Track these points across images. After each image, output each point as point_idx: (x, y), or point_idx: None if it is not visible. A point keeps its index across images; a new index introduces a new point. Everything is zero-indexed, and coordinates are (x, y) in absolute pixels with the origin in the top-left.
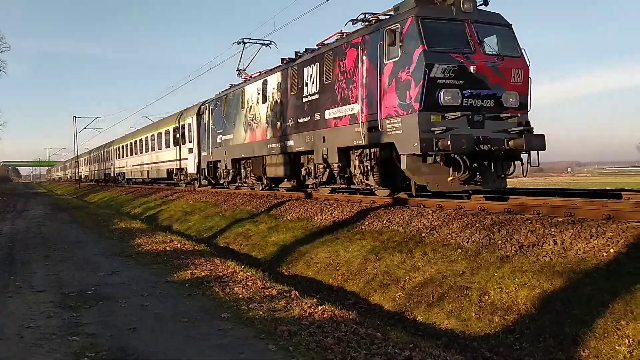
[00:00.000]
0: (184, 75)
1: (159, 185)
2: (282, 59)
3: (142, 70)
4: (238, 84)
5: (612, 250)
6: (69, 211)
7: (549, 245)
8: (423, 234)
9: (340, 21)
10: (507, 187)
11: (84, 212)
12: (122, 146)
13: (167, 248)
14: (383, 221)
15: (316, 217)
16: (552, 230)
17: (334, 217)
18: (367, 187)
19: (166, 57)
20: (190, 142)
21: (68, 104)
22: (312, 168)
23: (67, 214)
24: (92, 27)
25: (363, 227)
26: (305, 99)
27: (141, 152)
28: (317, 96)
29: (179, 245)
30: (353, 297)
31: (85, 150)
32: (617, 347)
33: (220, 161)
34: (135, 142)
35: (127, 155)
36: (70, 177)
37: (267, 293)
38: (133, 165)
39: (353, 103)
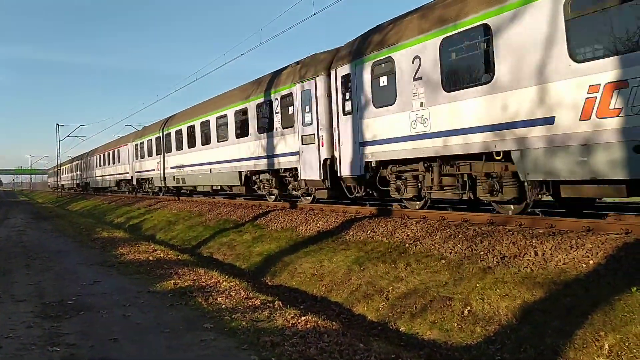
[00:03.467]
0: (170, 85)
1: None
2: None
3: (128, 79)
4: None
5: (591, 262)
6: (50, 220)
7: (530, 256)
8: (407, 245)
9: (327, 30)
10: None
11: (66, 220)
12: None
13: (150, 258)
14: (367, 232)
15: (301, 227)
16: (534, 241)
17: (319, 227)
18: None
19: (152, 66)
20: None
21: (51, 112)
22: None
23: (49, 223)
24: (77, 35)
25: (347, 238)
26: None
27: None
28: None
29: (162, 255)
30: (337, 307)
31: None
32: (595, 357)
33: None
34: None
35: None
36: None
37: (250, 303)
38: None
39: None
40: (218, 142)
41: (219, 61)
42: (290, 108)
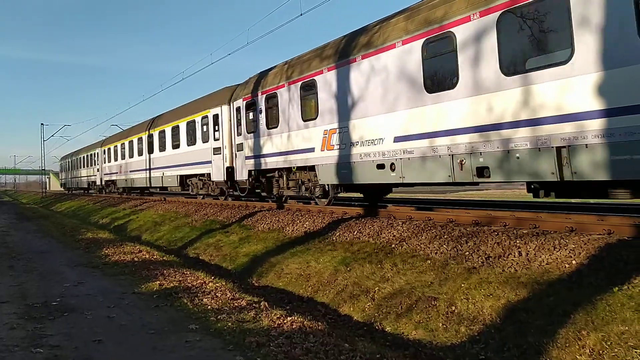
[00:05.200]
0: (156, 84)
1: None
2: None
3: (113, 79)
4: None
5: (574, 262)
6: (34, 220)
7: (514, 256)
8: (393, 245)
9: (313, 32)
10: (475, 199)
11: (50, 221)
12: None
13: (135, 259)
14: (354, 232)
15: (288, 228)
16: (518, 241)
17: (306, 227)
18: None
19: (138, 66)
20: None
21: (35, 111)
22: None
23: (33, 224)
24: (61, 34)
25: (334, 238)
26: None
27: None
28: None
29: (147, 256)
30: (323, 308)
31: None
32: (578, 356)
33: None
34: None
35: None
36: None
37: (236, 304)
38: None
39: None
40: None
41: (205, 61)
42: (205, 127)
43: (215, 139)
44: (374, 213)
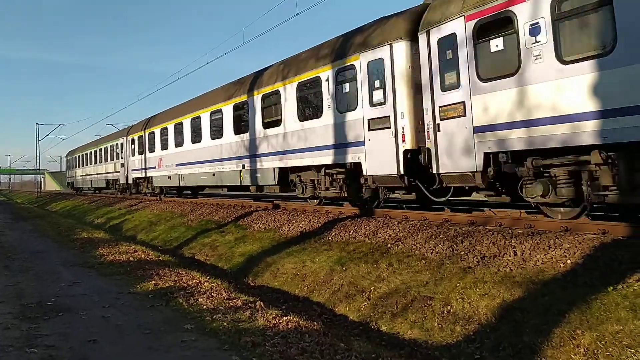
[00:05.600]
0: (151, 84)
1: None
2: None
3: (108, 78)
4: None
5: (569, 262)
6: (30, 220)
7: (510, 256)
8: (389, 245)
9: (308, 32)
10: (470, 199)
11: (46, 221)
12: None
13: (131, 258)
14: (350, 232)
15: (284, 228)
16: (513, 241)
17: (302, 227)
18: None
19: (133, 65)
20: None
21: (31, 111)
22: None
23: (28, 223)
24: (56, 33)
25: (330, 238)
26: None
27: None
28: None
29: (142, 256)
30: (319, 307)
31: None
32: (572, 355)
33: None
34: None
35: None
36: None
37: (232, 304)
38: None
39: None
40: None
41: (200, 61)
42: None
43: (375, 104)
44: (370, 213)
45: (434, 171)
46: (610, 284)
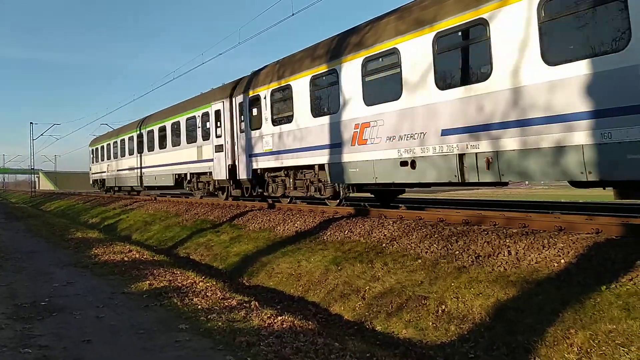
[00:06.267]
0: (146, 84)
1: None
2: None
3: (103, 77)
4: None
5: (562, 261)
6: (24, 220)
7: (504, 255)
8: (384, 244)
9: (306, 30)
10: (466, 199)
11: (40, 221)
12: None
13: (125, 258)
14: (345, 231)
15: (279, 228)
16: (507, 241)
17: (297, 227)
18: None
19: (128, 65)
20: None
21: (24, 110)
22: None
23: (22, 223)
24: (50, 32)
25: (325, 238)
26: None
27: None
28: None
29: (137, 256)
30: (314, 307)
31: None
32: (566, 354)
33: None
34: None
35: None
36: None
37: (226, 304)
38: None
39: None
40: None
41: (196, 61)
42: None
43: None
44: (365, 212)
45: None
46: (603, 283)
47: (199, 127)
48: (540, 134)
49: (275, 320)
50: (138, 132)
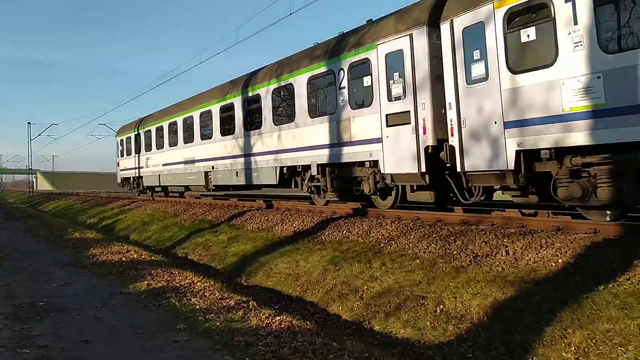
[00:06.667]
0: (144, 83)
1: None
2: None
3: (101, 77)
4: None
5: (560, 261)
6: (22, 220)
7: (502, 255)
8: (382, 244)
9: (304, 33)
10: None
11: (38, 221)
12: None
13: (123, 258)
14: (343, 231)
15: (277, 228)
16: (505, 241)
17: (295, 227)
18: None
19: (126, 64)
20: None
21: (22, 110)
22: None
23: (21, 223)
24: (47, 31)
25: (323, 238)
26: None
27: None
28: None
29: (135, 256)
30: (312, 307)
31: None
32: (564, 354)
33: None
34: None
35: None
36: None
37: (225, 304)
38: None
39: None
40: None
41: (194, 60)
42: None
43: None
44: (363, 212)
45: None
46: (601, 283)
47: (341, 88)
48: None
49: (274, 320)
50: (224, 102)
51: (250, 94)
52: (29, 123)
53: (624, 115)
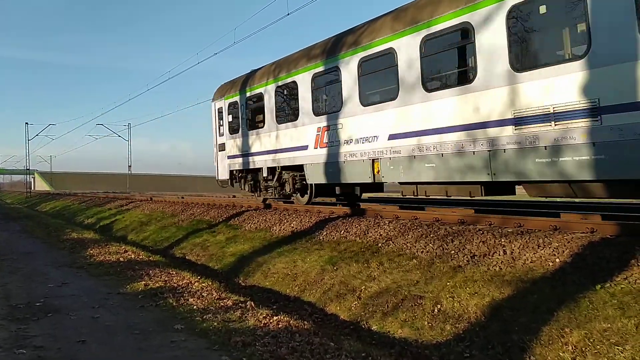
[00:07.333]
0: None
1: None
2: None
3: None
4: None
5: (557, 260)
6: (19, 221)
7: (499, 255)
8: (379, 244)
9: (300, 30)
10: (461, 199)
11: (35, 221)
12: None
13: (121, 259)
14: (341, 231)
15: (275, 228)
16: (502, 240)
17: (293, 227)
18: None
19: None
20: None
21: (19, 110)
22: None
23: (18, 224)
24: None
25: (321, 238)
26: None
27: None
28: None
29: (133, 256)
30: (310, 307)
31: None
32: (561, 353)
33: None
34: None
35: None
36: None
37: (222, 304)
38: None
39: None
40: None
41: (191, 61)
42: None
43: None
44: (360, 212)
45: None
46: (598, 282)
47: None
48: None
49: (271, 320)
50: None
51: None
52: (26, 124)
53: None
